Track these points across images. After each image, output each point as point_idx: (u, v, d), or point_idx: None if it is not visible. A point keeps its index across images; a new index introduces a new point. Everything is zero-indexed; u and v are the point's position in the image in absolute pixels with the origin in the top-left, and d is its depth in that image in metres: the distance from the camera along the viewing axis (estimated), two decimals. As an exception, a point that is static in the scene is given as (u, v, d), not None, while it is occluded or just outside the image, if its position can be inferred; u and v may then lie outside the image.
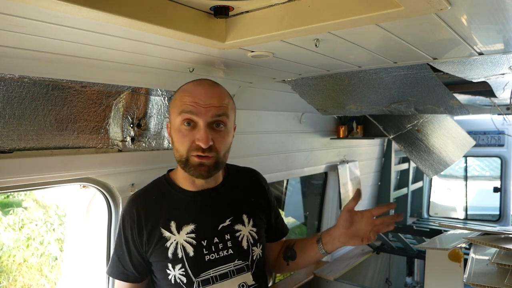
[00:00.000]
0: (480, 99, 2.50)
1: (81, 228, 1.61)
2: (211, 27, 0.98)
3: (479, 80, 1.57)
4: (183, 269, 1.14)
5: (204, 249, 1.17)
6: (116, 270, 1.21)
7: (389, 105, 1.98)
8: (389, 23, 0.91)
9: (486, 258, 1.52)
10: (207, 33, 0.96)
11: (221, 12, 0.92)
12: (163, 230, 1.16)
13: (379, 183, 3.96)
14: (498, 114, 3.67)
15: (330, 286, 2.61)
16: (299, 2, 0.88)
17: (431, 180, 4.80)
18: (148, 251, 1.17)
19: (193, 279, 1.14)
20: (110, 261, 1.23)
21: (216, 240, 1.19)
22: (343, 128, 2.92)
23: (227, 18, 0.98)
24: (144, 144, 1.59)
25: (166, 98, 1.64)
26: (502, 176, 4.47)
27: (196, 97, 1.11)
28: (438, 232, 2.45)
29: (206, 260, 1.17)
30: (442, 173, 3.01)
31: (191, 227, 1.17)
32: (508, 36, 0.99)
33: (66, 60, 1.16)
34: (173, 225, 1.16)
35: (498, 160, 4.55)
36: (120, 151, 1.50)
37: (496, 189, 4.48)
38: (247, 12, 0.96)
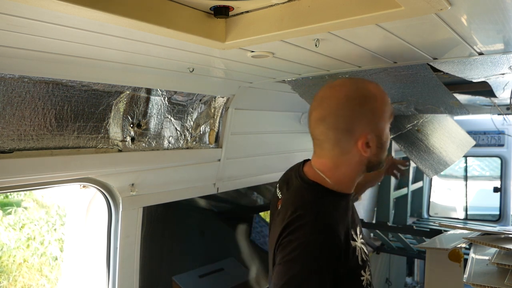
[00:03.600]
0: (480, 99, 2.50)
1: (81, 228, 1.61)
2: (211, 27, 0.97)
3: (479, 80, 1.56)
4: (369, 271, 1.16)
5: (366, 247, 1.21)
6: None
7: (389, 105, 1.97)
8: (389, 23, 0.91)
9: (486, 258, 1.52)
10: (207, 33, 0.96)
11: (221, 12, 0.92)
12: (351, 241, 1.11)
13: (379, 183, 3.95)
14: (498, 114, 3.67)
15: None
16: (299, 2, 0.88)
17: (431, 180, 4.79)
18: (343, 267, 1.07)
19: (371, 277, 1.19)
20: None
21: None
22: (343, 128, 2.91)
23: (227, 18, 0.98)
24: (144, 144, 1.59)
25: (166, 98, 1.64)
26: (502, 176, 4.46)
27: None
28: (438, 232, 2.46)
29: (369, 256, 1.22)
30: (442, 173, 3.01)
31: (358, 229, 1.19)
32: (508, 36, 0.99)
33: (66, 60, 1.16)
34: (352, 233, 1.13)
35: (498, 160, 4.55)
36: (120, 151, 1.50)
37: (496, 189, 4.47)
38: (247, 12, 0.96)
